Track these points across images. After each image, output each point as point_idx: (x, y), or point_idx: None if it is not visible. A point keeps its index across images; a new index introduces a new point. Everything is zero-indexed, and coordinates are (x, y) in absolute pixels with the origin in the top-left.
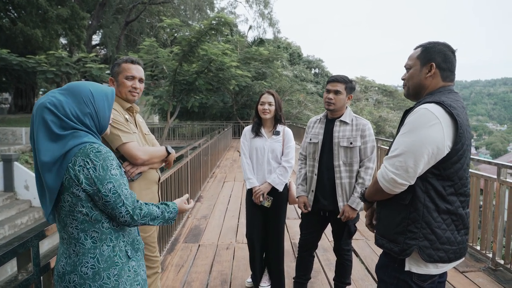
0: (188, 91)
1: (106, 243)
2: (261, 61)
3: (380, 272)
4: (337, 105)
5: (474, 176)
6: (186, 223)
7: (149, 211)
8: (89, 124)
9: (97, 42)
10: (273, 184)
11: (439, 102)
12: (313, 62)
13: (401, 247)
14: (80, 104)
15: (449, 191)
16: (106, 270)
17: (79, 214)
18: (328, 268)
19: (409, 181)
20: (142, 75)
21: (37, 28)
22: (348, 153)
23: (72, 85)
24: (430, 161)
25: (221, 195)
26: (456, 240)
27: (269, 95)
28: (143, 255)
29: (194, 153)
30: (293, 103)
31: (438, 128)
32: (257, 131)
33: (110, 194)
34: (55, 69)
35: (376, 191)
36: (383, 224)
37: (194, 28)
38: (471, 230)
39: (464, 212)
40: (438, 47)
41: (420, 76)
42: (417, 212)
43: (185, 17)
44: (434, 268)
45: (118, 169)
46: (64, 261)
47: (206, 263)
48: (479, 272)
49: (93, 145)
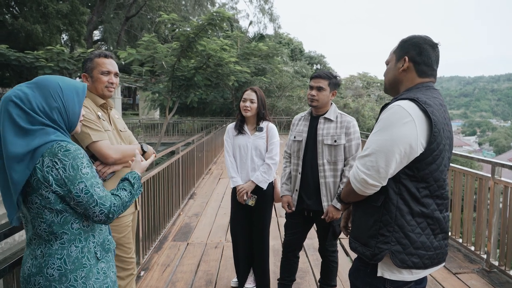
0: (186, 87)
1: (75, 244)
2: (260, 57)
3: (352, 277)
4: (320, 101)
5: (468, 175)
6: (177, 221)
7: (122, 201)
8: (57, 119)
9: (98, 37)
10: (256, 182)
11: (413, 98)
12: (315, 58)
13: (373, 251)
14: (48, 98)
15: (423, 193)
16: (73, 272)
17: (48, 216)
18: (317, 268)
19: (380, 182)
20: (117, 69)
21: (37, 24)
22: (332, 151)
23: (40, 79)
24: (403, 161)
25: (215, 192)
26: (432, 245)
27: (252, 92)
28: (114, 255)
29: (187, 149)
30: (294, 99)
31: (411, 126)
32: (240, 129)
33: (82, 194)
34: (53, 64)
35: (349, 192)
36: (356, 226)
37: (193, 23)
38: (465, 230)
39: (442, 215)
40: (414, 40)
41: (395, 70)
42: (390, 215)
43: (186, 13)
44: (408, 274)
45: (89, 167)
46: (30, 262)
47: (193, 263)
48: (472, 273)
49: (61, 144)
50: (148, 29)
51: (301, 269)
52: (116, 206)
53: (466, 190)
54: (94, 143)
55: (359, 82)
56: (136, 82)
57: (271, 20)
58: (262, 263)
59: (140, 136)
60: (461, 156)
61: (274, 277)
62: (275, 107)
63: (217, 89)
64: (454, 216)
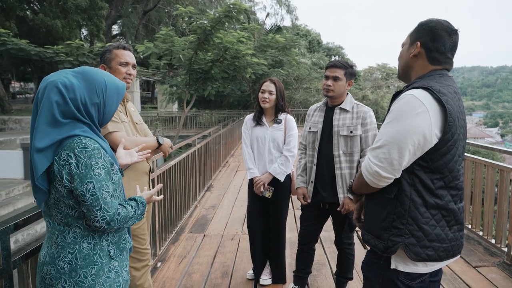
0: (204, 80)
1: (87, 240)
2: (277, 49)
3: (365, 270)
4: (336, 91)
5: (489, 166)
6: (194, 213)
7: (126, 214)
8: (93, 114)
9: (117, 32)
10: (274, 174)
11: (426, 87)
12: (333, 49)
13: (386, 244)
14: (91, 93)
15: (438, 185)
16: (83, 268)
17: (63, 208)
18: (334, 261)
19: (394, 174)
20: (134, 61)
21: (57, 19)
22: (348, 142)
23: (87, 70)
24: (417, 152)
25: (231, 184)
26: (447, 237)
27: (271, 83)
28: (129, 254)
29: (203, 142)
30: (311, 91)
31: (424, 116)
32: (258, 120)
33: (88, 195)
34: (73, 58)
35: (362, 184)
36: (368, 218)
37: (209, 15)
38: (485, 223)
39: (457, 207)
40: (431, 25)
41: (407, 55)
42: (403, 207)
43: (203, 5)
44: (423, 266)
45: (105, 169)
46: (45, 250)
47: (209, 254)
48: (492, 267)
49: (81, 140)
50: (165, 22)
51: (317, 262)
52: (120, 216)
53: (487, 182)
54: (110, 133)
55: (378, 73)
56: (154, 75)
57: (288, 11)
58: (278, 256)
59: (158, 129)
60: (483, 147)
61: (290, 269)
62: (292, 99)
63: (234, 82)
64: (474, 208)
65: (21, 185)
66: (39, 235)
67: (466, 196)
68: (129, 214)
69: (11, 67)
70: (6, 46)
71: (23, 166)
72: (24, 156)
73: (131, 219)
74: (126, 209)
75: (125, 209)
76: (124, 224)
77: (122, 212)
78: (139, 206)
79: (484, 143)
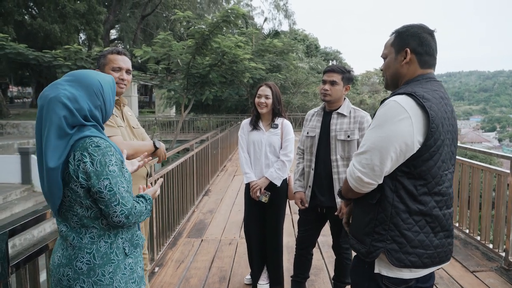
0: (202, 84)
1: (104, 239)
2: (275, 53)
3: (352, 274)
4: (333, 96)
5: (487, 171)
6: (191, 218)
7: (141, 209)
8: (98, 116)
9: (115, 36)
10: (270, 179)
11: (410, 93)
12: (331, 54)
13: (368, 249)
14: (92, 97)
15: (421, 191)
16: (101, 266)
17: (79, 210)
18: (331, 266)
19: (376, 180)
20: (129, 66)
21: (55, 23)
22: (345, 147)
23: (79, 76)
24: (399, 158)
25: (229, 189)
26: (432, 244)
27: (267, 87)
28: (142, 250)
29: (201, 146)
30: (309, 95)
31: (406, 123)
32: (254, 124)
33: (105, 191)
34: (71, 63)
35: (347, 189)
36: (354, 223)
37: (207, 20)
38: (483, 227)
39: (442, 213)
40: (412, 30)
41: (396, 64)
42: (385, 213)
43: (201, 10)
44: (407, 271)
45: (118, 165)
46: (61, 252)
47: (207, 259)
48: (490, 272)
49: (93, 139)
50: (163, 27)
51: (315, 266)
52: (136, 210)
53: (484, 187)
54: None
55: (375, 78)
56: (152, 80)
57: (286, 16)
58: (275, 260)
59: (156, 134)
60: (480, 152)
61: (288, 274)
62: (290, 103)
63: (232, 86)
64: (472, 213)
65: (19, 190)
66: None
67: (463, 200)
68: (142, 209)
69: (9, 71)
70: (4, 50)
71: (21, 170)
72: (22, 161)
73: (143, 215)
74: (139, 204)
75: (139, 204)
76: (138, 219)
77: (137, 206)
78: (148, 202)
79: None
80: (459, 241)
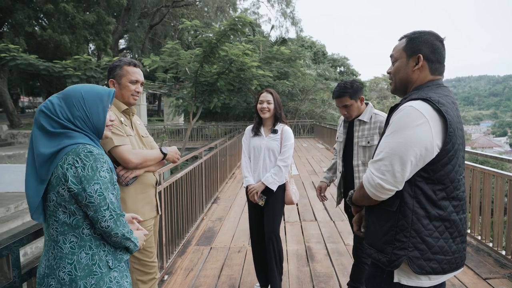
0: (210, 92)
1: (85, 251)
2: (283, 61)
3: (368, 283)
4: (354, 114)
5: (498, 177)
6: (200, 225)
7: (126, 224)
8: (80, 126)
9: (124, 46)
10: (266, 183)
11: (425, 98)
12: (338, 60)
13: (389, 257)
14: (71, 108)
15: (440, 196)
16: (83, 278)
17: (61, 215)
18: (341, 273)
19: (397, 186)
20: (143, 79)
21: (65, 34)
22: (366, 152)
23: (67, 89)
24: (419, 163)
25: (238, 196)
26: (451, 249)
27: (268, 93)
28: (128, 266)
29: (210, 154)
30: (317, 102)
31: (425, 127)
32: (256, 130)
33: (96, 195)
34: (80, 73)
35: (363, 197)
36: (370, 232)
37: (215, 28)
38: (495, 234)
39: (459, 217)
40: (425, 37)
41: (407, 69)
42: (406, 220)
43: (208, 19)
44: (426, 280)
45: (109, 173)
46: (45, 263)
47: (216, 267)
48: (503, 279)
49: (86, 146)
50: (171, 36)
51: (325, 274)
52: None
53: (496, 193)
54: (116, 147)
55: (384, 83)
56: (160, 88)
57: (293, 23)
58: (270, 265)
59: (165, 142)
60: (492, 157)
61: (297, 282)
62: (298, 110)
63: (240, 94)
64: (484, 219)
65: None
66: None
67: (474, 206)
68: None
69: (20, 82)
70: (16, 61)
71: None
72: None
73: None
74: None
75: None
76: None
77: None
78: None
79: (493, 153)
80: (471, 248)
